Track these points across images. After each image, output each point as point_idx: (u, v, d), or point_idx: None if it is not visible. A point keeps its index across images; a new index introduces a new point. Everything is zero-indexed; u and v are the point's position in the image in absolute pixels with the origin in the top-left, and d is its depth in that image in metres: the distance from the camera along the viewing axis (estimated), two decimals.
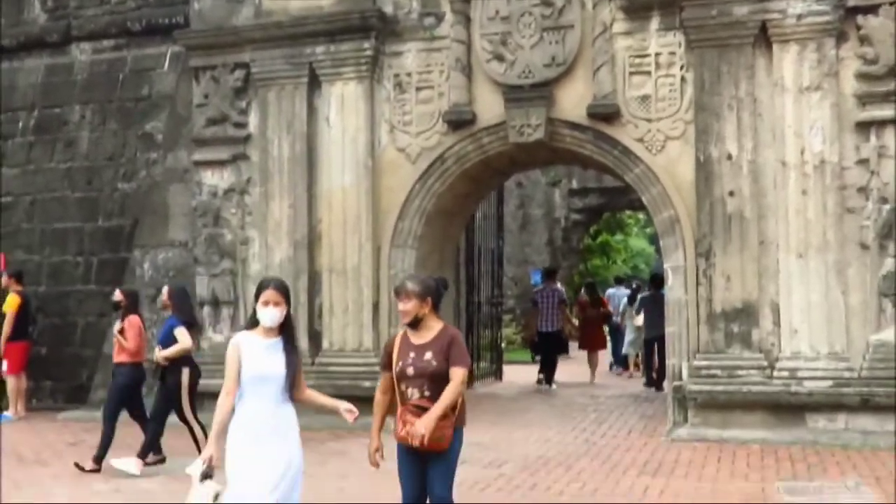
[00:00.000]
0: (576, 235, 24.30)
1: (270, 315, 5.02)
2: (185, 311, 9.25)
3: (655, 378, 14.53)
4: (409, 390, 5.09)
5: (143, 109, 13.62)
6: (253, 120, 11.73)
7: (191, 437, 8.88)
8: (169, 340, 8.80)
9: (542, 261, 23.24)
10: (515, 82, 10.69)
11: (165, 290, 9.53)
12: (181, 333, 8.78)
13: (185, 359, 8.93)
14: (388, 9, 11.24)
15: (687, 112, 10.18)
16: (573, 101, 10.57)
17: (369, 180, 11.21)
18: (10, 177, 14.19)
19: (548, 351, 15.47)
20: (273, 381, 4.98)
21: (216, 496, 4.89)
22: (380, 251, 11.22)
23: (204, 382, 11.51)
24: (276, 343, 5.05)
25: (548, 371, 15.24)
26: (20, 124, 14.35)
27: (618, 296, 18.52)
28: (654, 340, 14.31)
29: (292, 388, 5.04)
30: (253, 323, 5.13)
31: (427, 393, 5.05)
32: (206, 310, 11.83)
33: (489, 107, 10.85)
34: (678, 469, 8.36)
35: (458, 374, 5.07)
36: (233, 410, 4.98)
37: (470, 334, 14.70)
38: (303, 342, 11.34)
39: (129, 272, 12.74)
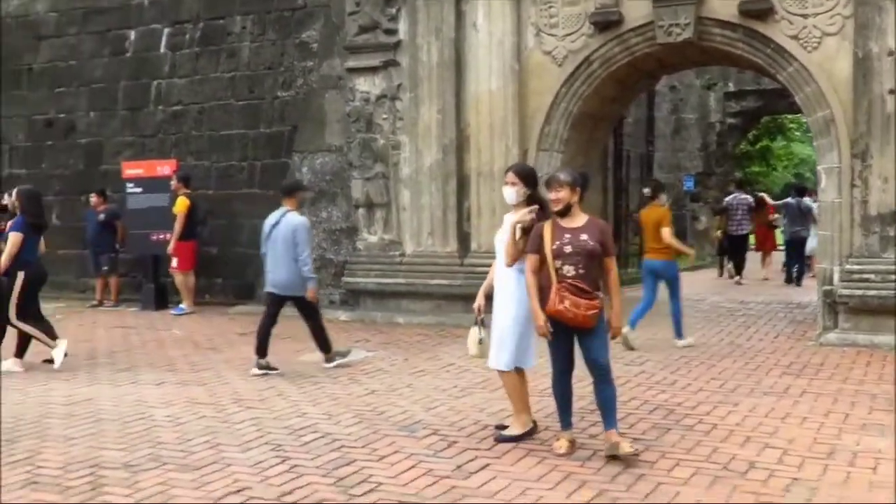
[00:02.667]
0: (731, 140, 23.55)
1: (507, 193, 6.01)
2: (32, 212, 9.05)
3: (795, 276, 16.88)
4: (566, 267, 5.51)
5: (299, 19, 14.07)
6: (403, 27, 11.98)
7: (24, 339, 8.94)
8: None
9: (694, 167, 22.77)
10: None
11: (15, 192, 9.39)
12: (12, 237, 8.76)
13: (22, 262, 8.78)
14: None
15: (846, 6, 9.74)
16: None
17: (516, 84, 11.32)
18: (179, 87, 15.04)
19: (737, 251, 17.68)
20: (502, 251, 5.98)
21: (480, 340, 6.11)
22: (526, 154, 11.38)
23: (362, 281, 12.25)
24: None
25: (738, 267, 17.49)
26: (187, 36, 15.10)
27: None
28: (793, 242, 17.03)
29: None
30: None
31: (581, 270, 5.51)
32: (361, 212, 12.38)
33: (636, 7, 10.68)
34: (823, 371, 8.32)
35: (613, 263, 5.71)
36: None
37: (618, 240, 14.80)
38: (452, 244, 11.79)
39: (289, 176, 13.41)
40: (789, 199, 17.74)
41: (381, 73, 12.14)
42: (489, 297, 6.23)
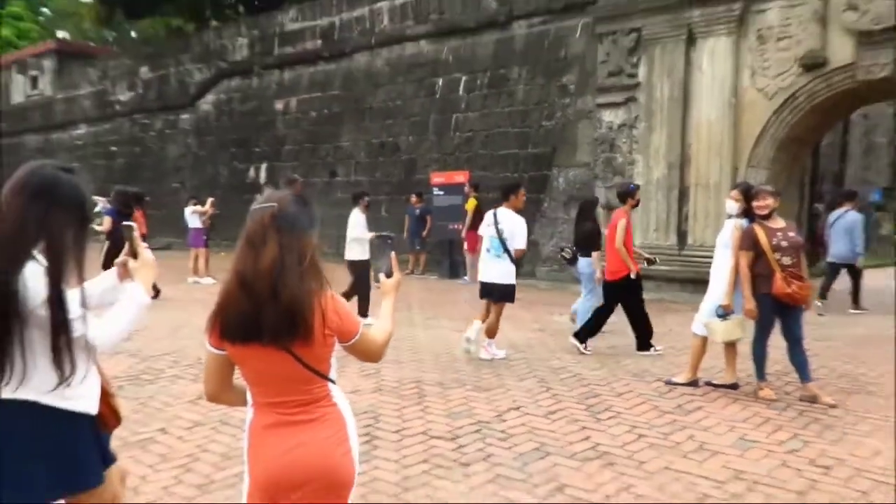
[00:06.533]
0: None
1: (730, 206, 5.77)
2: (116, 202, 9.43)
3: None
4: (784, 258, 5.41)
5: (561, 67, 14.20)
6: (641, 71, 11.82)
7: None
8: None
9: (881, 181, 20.52)
10: (867, 28, 9.61)
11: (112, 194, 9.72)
12: (105, 219, 9.30)
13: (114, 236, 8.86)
14: None
15: None
16: None
17: (732, 115, 10.85)
18: (472, 118, 15.69)
19: None
20: None
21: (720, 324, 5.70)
22: (737, 171, 10.89)
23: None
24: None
25: None
26: (478, 81, 15.71)
27: None
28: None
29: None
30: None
31: (794, 260, 5.44)
32: (602, 213, 12.34)
33: (840, 50, 9.91)
34: None
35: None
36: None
37: (810, 242, 13.76)
38: (672, 238, 11.52)
39: (549, 185, 13.65)
40: None
41: (623, 107, 12.06)
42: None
